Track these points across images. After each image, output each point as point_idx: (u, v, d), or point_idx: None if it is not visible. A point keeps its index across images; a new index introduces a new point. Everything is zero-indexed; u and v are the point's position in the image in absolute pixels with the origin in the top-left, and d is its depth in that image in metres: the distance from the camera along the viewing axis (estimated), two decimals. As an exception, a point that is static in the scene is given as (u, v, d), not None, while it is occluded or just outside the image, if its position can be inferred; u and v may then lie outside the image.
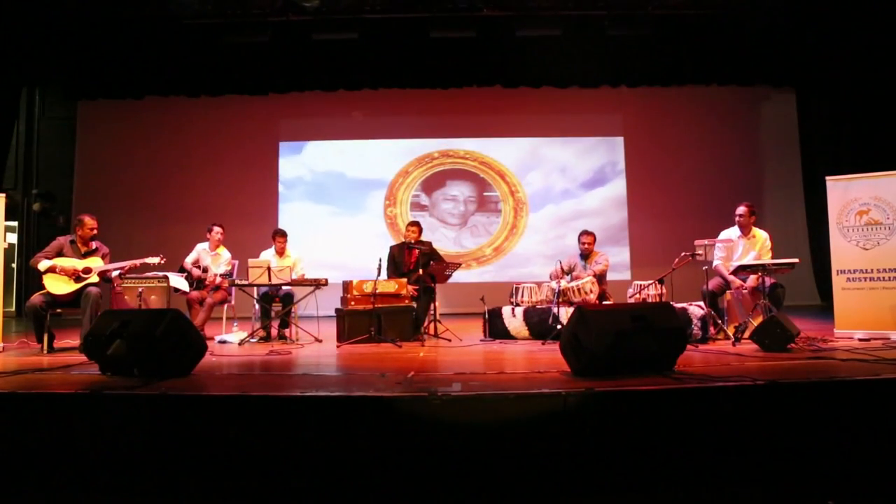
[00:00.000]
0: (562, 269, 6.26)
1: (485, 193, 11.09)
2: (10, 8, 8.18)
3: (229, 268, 6.53)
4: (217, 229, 6.61)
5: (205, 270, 6.37)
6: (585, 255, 6.37)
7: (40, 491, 2.98)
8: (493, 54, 9.79)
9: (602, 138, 11.14)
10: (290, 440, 2.98)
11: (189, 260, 6.52)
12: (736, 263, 5.53)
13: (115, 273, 5.51)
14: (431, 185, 11.09)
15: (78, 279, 5.30)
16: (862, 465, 2.99)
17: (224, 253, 6.66)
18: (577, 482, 2.91)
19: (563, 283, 5.92)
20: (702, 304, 5.41)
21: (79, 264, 5.36)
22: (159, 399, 3.16)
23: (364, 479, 2.89)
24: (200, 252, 6.59)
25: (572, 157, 11.14)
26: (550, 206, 11.04)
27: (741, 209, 5.73)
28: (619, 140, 11.10)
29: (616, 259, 10.03)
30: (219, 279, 6.31)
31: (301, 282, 6.11)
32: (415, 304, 6.09)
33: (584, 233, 6.42)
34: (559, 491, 2.88)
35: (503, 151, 11.13)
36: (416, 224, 6.68)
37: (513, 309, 6.06)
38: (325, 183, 11.06)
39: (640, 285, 5.89)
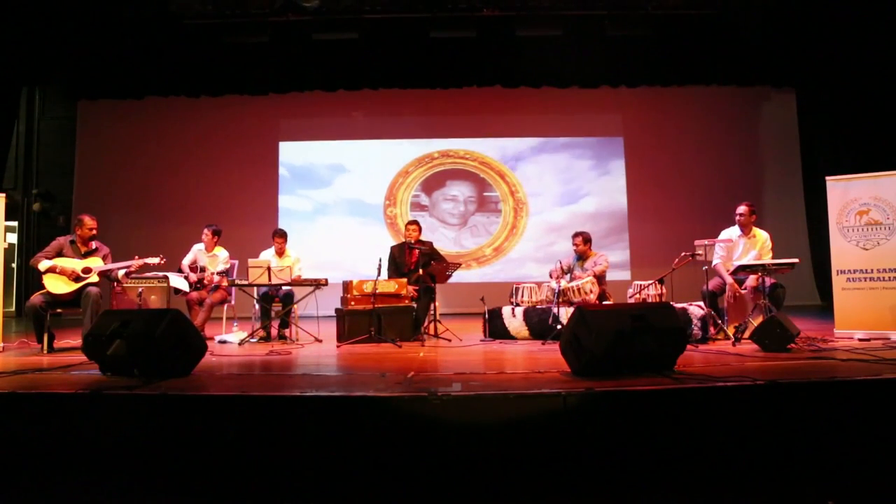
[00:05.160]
0: (562, 268, 6.27)
1: (485, 193, 11.09)
2: (11, 8, 8.18)
3: (227, 266, 6.52)
4: (206, 231, 6.59)
5: (202, 270, 6.37)
6: (580, 256, 6.36)
7: (41, 491, 2.98)
8: (493, 54, 9.80)
9: (602, 138, 11.14)
10: (290, 440, 2.98)
11: (186, 261, 6.53)
12: (736, 263, 5.53)
13: (121, 272, 5.50)
14: (431, 185, 11.09)
15: (78, 279, 5.31)
16: (862, 465, 2.99)
17: (221, 252, 6.65)
18: (577, 482, 2.91)
19: (563, 283, 5.92)
20: (702, 304, 5.41)
21: (78, 265, 5.36)
22: (159, 399, 3.15)
23: (364, 479, 2.89)
24: (197, 253, 6.59)
25: (572, 156, 11.14)
26: (550, 207, 11.04)
27: (742, 208, 5.73)
28: (619, 140, 11.11)
29: (616, 259, 10.04)
30: (216, 278, 6.30)
31: (301, 282, 6.10)
32: (415, 304, 6.09)
33: (575, 234, 6.43)
34: (559, 491, 2.88)
35: (503, 151, 11.14)
36: (415, 223, 6.67)
37: (513, 309, 6.06)
38: (325, 183, 11.06)
39: (640, 285, 5.89)
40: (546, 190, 11.08)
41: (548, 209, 11.03)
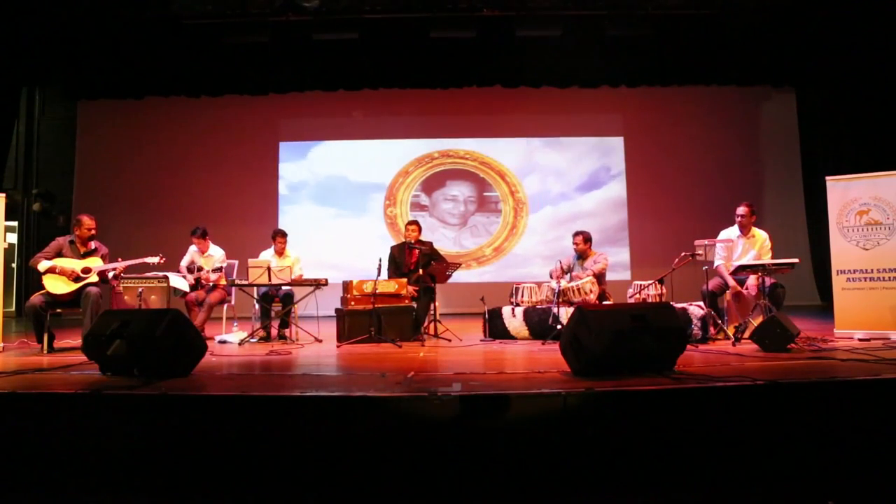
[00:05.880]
0: (562, 268, 6.27)
1: (485, 193, 11.09)
2: (11, 8, 8.17)
3: (224, 264, 6.52)
4: (192, 240, 6.59)
5: (199, 270, 6.38)
6: (580, 255, 6.38)
7: (40, 491, 2.98)
8: (493, 54, 9.80)
9: (602, 138, 11.14)
10: (290, 440, 2.98)
11: (184, 263, 6.56)
12: (736, 263, 5.53)
13: (110, 275, 5.50)
14: (431, 185, 11.09)
15: (77, 279, 5.30)
16: (862, 465, 2.99)
17: (217, 252, 6.66)
18: (577, 482, 2.91)
19: (563, 283, 5.92)
20: (702, 304, 5.41)
21: (78, 265, 5.36)
22: (159, 399, 3.15)
23: (364, 479, 2.89)
24: (193, 255, 6.62)
25: (572, 157, 11.14)
26: (550, 207, 11.04)
27: (742, 209, 5.72)
28: (619, 140, 11.10)
29: (616, 259, 10.04)
30: (213, 276, 6.30)
31: (301, 282, 6.10)
32: (415, 304, 6.09)
33: (575, 233, 6.44)
34: (559, 491, 2.88)
35: (503, 151, 11.14)
36: (415, 223, 6.68)
37: (513, 309, 6.06)
38: (324, 183, 11.06)
39: (640, 285, 5.89)
40: (546, 190, 11.08)
41: (547, 209, 11.03)
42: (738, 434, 3.01)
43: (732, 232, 5.82)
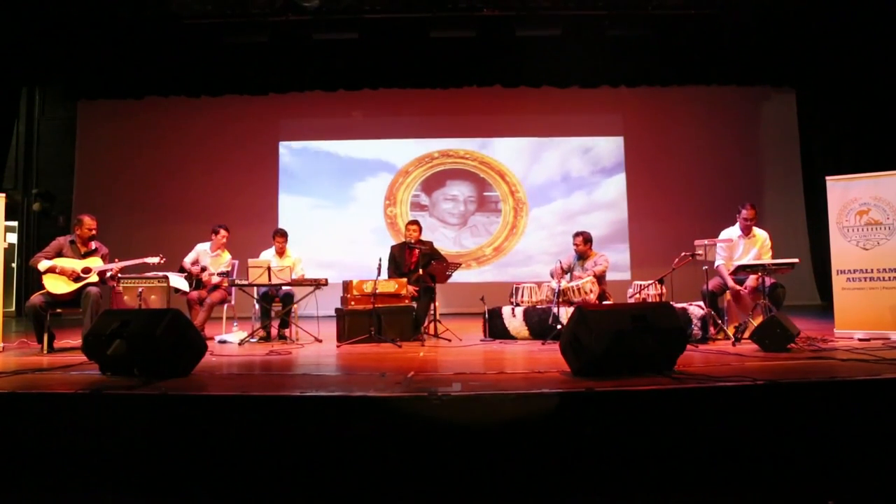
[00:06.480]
0: (562, 267, 6.27)
1: (485, 193, 11.09)
2: (11, 8, 8.17)
3: (228, 268, 6.52)
4: (223, 233, 6.57)
5: (203, 270, 6.36)
6: (580, 256, 6.37)
7: (40, 491, 2.98)
8: (493, 54, 9.80)
9: (602, 138, 11.14)
10: (290, 440, 2.98)
11: (188, 260, 6.52)
12: (737, 263, 5.54)
13: (108, 275, 5.50)
14: (431, 185, 11.09)
15: (77, 279, 5.31)
16: (862, 465, 2.99)
17: (225, 255, 6.65)
18: (577, 482, 2.91)
19: (563, 283, 5.92)
20: (702, 304, 5.41)
21: (78, 265, 5.36)
22: (159, 399, 3.16)
23: (364, 479, 2.89)
24: (200, 252, 6.59)
25: (572, 157, 11.14)
26: (550, 206, 11.04)
27: (749, 212, 5.68)
28: (619, 140, 11.10)
29: (616, 259, 10.03)
30: (216, 278, 6.30)
31: (301, 282, 6.10)
32: (415, 304, 6.09)
33: (575, 234, 6.43)
34: (559, 491, 2.88)
35: (503, 151, 11.14)
36: (415, 223, 6.68)
37: (513, 309, 6.06)
38: (325, 183, 11.05)
39: (640, 285, 5.89)
40: (546, 190, 11.08)
41: (547, 209, 11.02)
42: (739, 434, 3.01)
43: (733, 232, 5.83)
